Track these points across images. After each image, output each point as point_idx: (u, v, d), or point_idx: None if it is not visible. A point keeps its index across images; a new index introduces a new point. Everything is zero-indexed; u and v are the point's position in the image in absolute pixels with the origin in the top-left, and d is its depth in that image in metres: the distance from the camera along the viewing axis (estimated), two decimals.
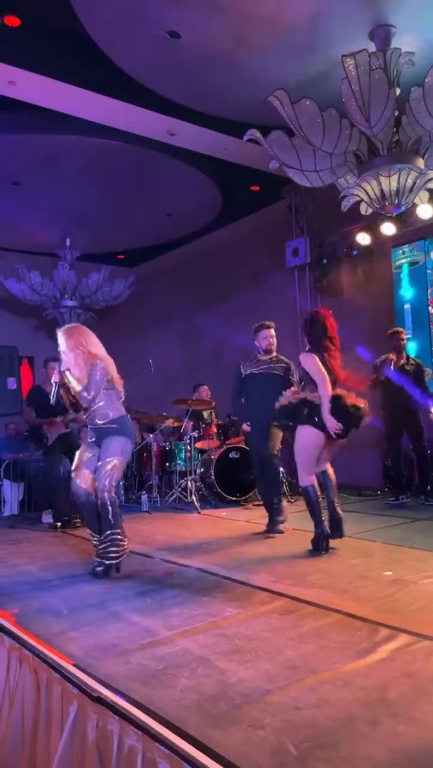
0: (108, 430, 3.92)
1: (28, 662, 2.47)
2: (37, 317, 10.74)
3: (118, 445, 3.88)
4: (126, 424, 3.98)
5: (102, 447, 3.90)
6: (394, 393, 6.16)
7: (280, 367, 5.25)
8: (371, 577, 3.49)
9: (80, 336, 4.03)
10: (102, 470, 3.82)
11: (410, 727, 1.81)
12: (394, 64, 5.12)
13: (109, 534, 3.79)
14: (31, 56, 5.64)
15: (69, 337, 4.02)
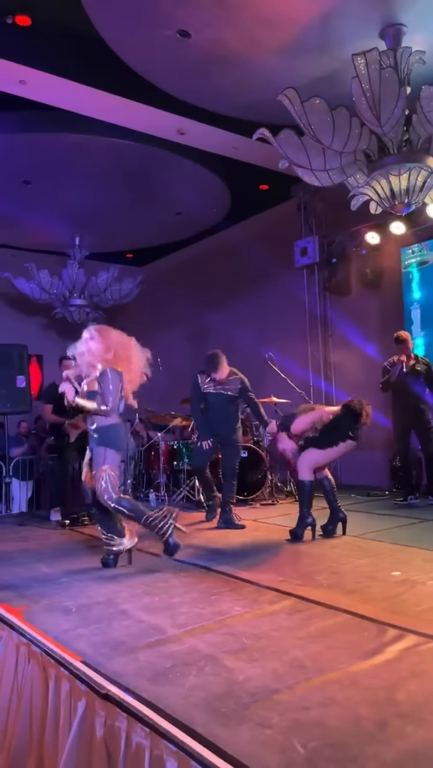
0: (93, 438, 3.96)
1: (37, 659, 2.48)
2: (46, 316, 10.78)
3: (100, 455, 3.89)
4: (109, 434, 3.92)
5: (92, 453, 3.97)
6: (404, 394, 6.14)
7: (232, 388, 5.54)
8: (379, 578, 3.48)
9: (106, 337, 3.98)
10: (96, 480, 3.88)
11: (417, 727, 1.81)
12: (404, 62, 5.09)
13: (145, 520, 3.84)
14: (41, 56, 5.66)
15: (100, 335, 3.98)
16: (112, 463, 3.91)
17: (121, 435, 4.06)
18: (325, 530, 4.70)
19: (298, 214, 8.94)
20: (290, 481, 7.19)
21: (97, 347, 3.93)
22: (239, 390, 5.53)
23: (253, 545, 4.58)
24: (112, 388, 3.85)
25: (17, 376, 7.35)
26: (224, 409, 5.54)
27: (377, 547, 4.32)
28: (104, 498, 3.83)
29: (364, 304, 8.32)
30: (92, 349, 3.94)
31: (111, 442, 3.93)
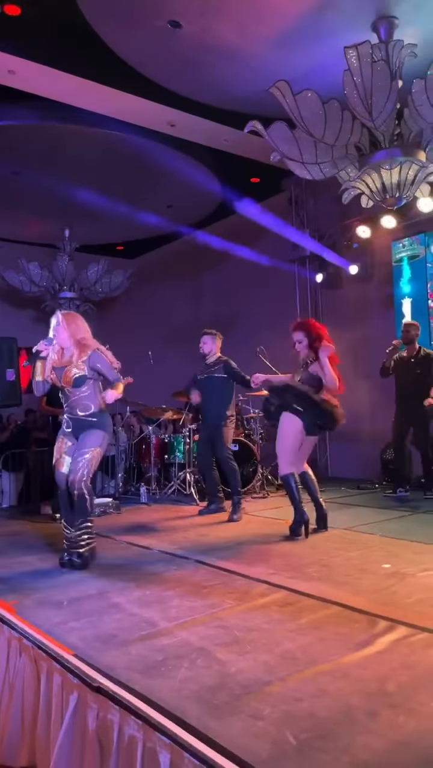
0: (87, 422, 3.95)
1: (28, 652, 2.48)
2: (36, 308, 10.71)
3: (97, 438, 3.90)
4: (105, 418, 4.00)
5: (79, 438, 3.93)
6: (405, 386, 6.13)
7: (218, 368, 5.72)
8: (370, 570, 3.51)
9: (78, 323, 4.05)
10: (79, 461, 3.83)
11: (408, 718, 1.83)
12: (396, 56, 5.09)
13: (82, 522, 3.85)
14: (31, 45, 5.59)
15: (69, 321, 4.01)
16: (104, 448, 3.97)
17: (110, 421, 4.17)
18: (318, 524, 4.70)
19: (289, 208, 8.92)
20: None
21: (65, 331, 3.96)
22: (224, 369, 5.66)
23: (244, 538, 4.59)
24: (111, 360, 3.93)
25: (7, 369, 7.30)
26: (215, 393, 5.64)
27: (367, 540, 4.35)
28: (81, 480, 3.80)
29: (355, 297, 8.34)
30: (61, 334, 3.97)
31: (107, 427, 4.00)
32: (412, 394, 6.08)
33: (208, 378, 5.72)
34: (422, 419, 6.13)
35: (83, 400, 3.94)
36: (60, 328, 3.97)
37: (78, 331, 3.99)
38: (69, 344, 3.96)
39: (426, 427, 6.14)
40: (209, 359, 5.79)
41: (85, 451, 3.85)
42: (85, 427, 3.94)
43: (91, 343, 3.98)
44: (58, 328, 3.97)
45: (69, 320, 4.02)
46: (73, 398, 3.95)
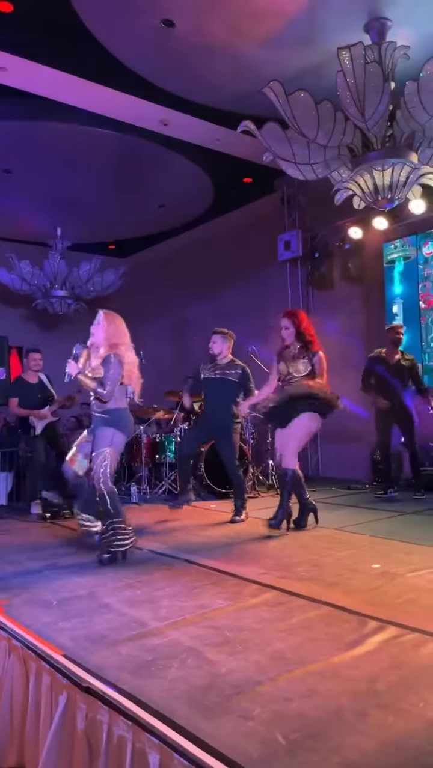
0: (100, 419, 3.99)
1: (17, 653, 2.47)
2: (27, 307, 10.66)
3: (107, 437, 3.93)
4: (120, 416, 4.02)
5: (95, 436, 4.00)
6: (388, 388, 6.17)
7: (234, 373, 5.51)
8: (360, 570, 3.52)
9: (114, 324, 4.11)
10: (95, 461, 3.91)
11: (397, 718, 1.83)
12: (389, 57, 5.10)
13: (111, 523, 3.87)
14: (23, 42, 5.56)
15: (107, 321, 4.09)
16: (117, 447, 4.00)
17: (129, 419, 4.14)
18: (297, 524, 4.73)
19: (281, 208, 8.93)
20: (272, 474, 7.22)
21: (103, 332, 4.04)
22: (241, 376, 5.49)
23: (235, 538, 4.59)
24: (113, 374, 3.91)
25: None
26: (225, 396, 5.42)
27: (357, 540, 4.36)
28: (99, 480, 3.85)
29: (346, 298, 8.36)
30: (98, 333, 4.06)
31: (120, 425, 4.00)
32: (395, 395, 6.13)
33: (222, 379, 5.47)
34: (408, 420, 6.17)
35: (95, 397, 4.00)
36: (99, 326, 4.07)
37: (114, 335, 4.05)
38: (102, 343, 4.03)
39: (412, 428, 6.18)
40: (221, 360, 5.55)
41: (98, 452, 3.93)
42: (99, 424, 4.00)
43: (118, 349, 4.00)
44: (98, 326, 4.07)
45: (109, 320, 4.10)
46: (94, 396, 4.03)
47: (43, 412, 6.33)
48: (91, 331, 4.11)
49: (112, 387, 3.90)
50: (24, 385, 6.47)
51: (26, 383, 6.49)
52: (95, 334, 4.08)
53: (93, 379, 3.93)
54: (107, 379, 3.89)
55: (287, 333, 4.68)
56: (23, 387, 6.46)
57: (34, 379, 6.51)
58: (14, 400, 6.40)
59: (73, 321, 11.27)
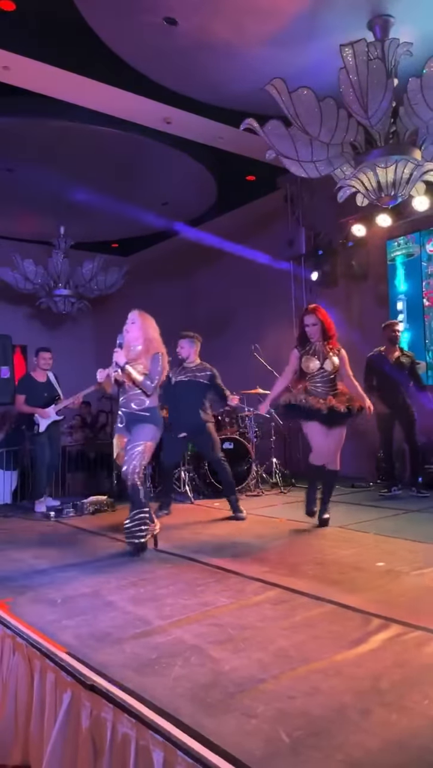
0: (140, 417, 4.09)
1: (22, 650, 2.48)
2: (30, 306, 10.68)
3: (149, 432, 4.06)
4: (157, 414, 4.16)
5: (132, 432, 4.08)
6: (388, 386, 6.17)
7: (204, 375, 5.62)
8: (364, 568, 3.52)
9: (151, 323, 4.26)
10: (131, 453, 3.99)
11: (401, 716, 1.83)
12: (392, 54, 5.08)
13: (137, 513, 3.99)
14: (25, 41, 5.56)
15: (144, 320, 4.22)
16: (155, 443, 4.13)
17: (161, 417, 4.27)
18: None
19: (285, 206, 8.92)
20: (275, 473, 7.22)
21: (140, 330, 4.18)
22: (210, 378, 5.60)
23: (238, 536, 4.59)
24: (160, 370, 4.08)
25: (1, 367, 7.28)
26: (196, 397, 5.56)
27: (361, 538, 4.35)
28: (133, 471, 3.95)
29: (350, 296, 8.34)
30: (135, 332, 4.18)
31: (159, 422, 4.15)
32: (396, 393, 6.12)
33: (192, 381, 5.55)
34: (409, 418, 6.16)
35: (140, 396, 4.09)
36: (134, 326, 4.17)
37: (151, 332, 4.19)
38: (139, 342, 4.13)
39: (413, 426, 6.17)
40: (190, 363, 5.63)
41: (137, 444, 4.01)
42: (137, 421, 4.08)
43: (158, 346, 4.16)
44: (133, 326, 4.18)
45: (143, 320, 4.22)
46: (131, 393, 4.11)
47: (48, 411, 6.38)
48: (126, 330, 4.19)
49: (158, 382, 4.07)
50: (32, 383, 6.51)
51: (34, 381, 6.53)
52: (131, 332, 4.18)
53: (140, 373, 4.03)
54: (154, 373, 4.04)
55: (314, 329, 4.67)
56: (31, 385, 6.51)
57: (43, 377, 6.55)
58: (21, 397, 6.45)
59: (76, 319, 11.29)
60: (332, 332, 4.67)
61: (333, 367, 4.61)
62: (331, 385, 4.65)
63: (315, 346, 4.67)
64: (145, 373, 4.04)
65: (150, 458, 4.21)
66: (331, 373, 4.63)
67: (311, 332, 4.67)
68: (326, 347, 4.65)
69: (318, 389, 4.60)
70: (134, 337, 4.17)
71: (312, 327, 4.67)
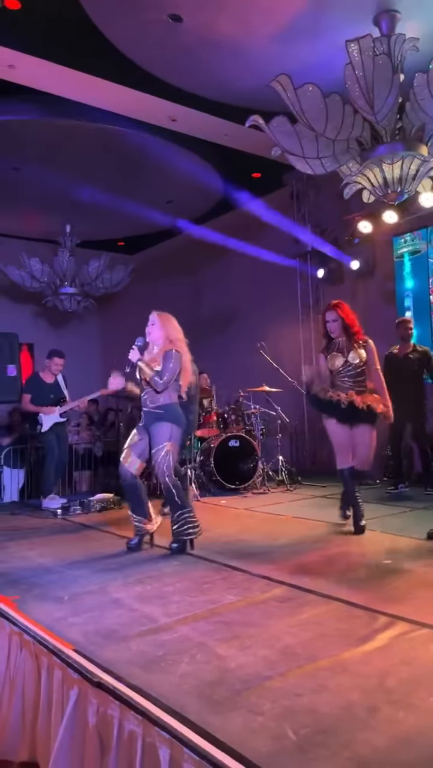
0: (155, 415, 4.09)
1: (29, 647, 2.49)
2: (37, 304, 10.70)
3: (166, 431, 4.05)
4: (173, 410, 4.12)
5: (151, 433, 4.09)
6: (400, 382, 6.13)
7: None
8: (370, 566, 3.51)
9: (171, 324, 4.26)
10: (156, 457, 4.02)
11: (408, 713, 1.82)
12: (398, 50, 5.05)
13: (180, 514, 4.00)
14: (31, 40, 5.56)
15: (164, 321, 4.24)
16: (176, 441, 4.10)
17: (181, 414, 4.23)
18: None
19: (290, 203, 8.89)
20: (282, 470, 7.21)
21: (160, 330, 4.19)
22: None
23: (245, 534, 4.59)
24: (172, 367, 4.05)
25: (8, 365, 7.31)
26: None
27: (368, 536, 4.34)
28: (164, 474, 3.98)
29: (356, 293, 8.32)
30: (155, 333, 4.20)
31: (176, 419, 4.11)
32: (408, 391, 6.07)
33: None
34: (420, 416, 6.12)
35: (153, 393, 4.09)
36: (155, 327, 4.19)
37: (173, 332, 4.20)
38: (161, 342, 4.16)
39: (424, 423, 6.14)
40: None
41: (159, 447, 4.02)
42: (153, 420, 4.09)
43: (177, 344, 4.15)
44: (153, 327, 4.19)
45: (164, 320, 4.24)
46: (147, 390, 4.12)
47: (52, 409, 6.42)
48: (147, 331, 4.21)
49: (169, 379, 4.03)
50: (39, 384, 6.54)
51: (41, 382, 6.56)
52: (152, 333, 4.20)
53: (152, 369, 4.04)
54: (166, 370, 4.03)
55: (334, 325, 4.62)
56: (38, 385, 6.54)
57: (50, 378, 6.58)
58: (27, 397, 6.49)
59: (82, 318, 11.31)
60: (355, 328, 4.60)
61: (359, 359, 4.50)
62: (358, 380, 4.52)
63: (339, 343, 4.63)
64: (158, 370, 4.06)
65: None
66: (357, 366, 4.51)
67: (332, 328, 4.63)
68: (350, 342, 4.58)
69: (345, 384, 4.52)
70: (155, 338, 4.21)
71: (333, 323, 4.63)
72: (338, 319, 4.60)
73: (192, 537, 4.01)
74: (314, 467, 8.63)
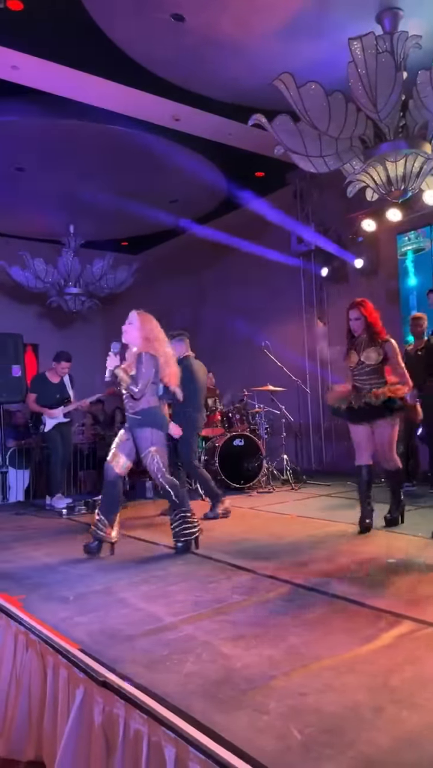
0: (134, 420, 4.06)
1: (35, 647, 2.50)
2: (41, 304, 10.73)
3: (147, 437, 4.03)
4: (152, 415, 4.07)
5: (135, 437, 4.07)
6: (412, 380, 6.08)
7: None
8: (375, 565, 3.51)
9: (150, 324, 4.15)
10: (146, 462, 4.02)
11: (413, 713, 1.82)
12: (401, 47, 5.04)
13: (177, 513, 4.00)
14: (34, 41, 5.58)
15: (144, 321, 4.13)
16: (160, 444, 4.07)
17: (162, 416, 4.20)
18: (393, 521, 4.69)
19: (294, 202, 8.88)
20: (286, 469, 7.21)
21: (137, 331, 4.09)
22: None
23: (250, 533, 4.59)
24: (144, 372, 3.97)
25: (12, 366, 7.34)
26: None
27: (372, 534, 4.34)
28: (157, 476, 3.98)
29: (360, 291, 8.29)
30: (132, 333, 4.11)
31: (155, 423, 4.07)
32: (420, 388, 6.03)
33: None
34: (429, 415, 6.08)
35: (130, 400, 4.05)
36: (133, 327, 4.10)
37: (149, 333, 4.10)
38: (138, 343, 4.07)
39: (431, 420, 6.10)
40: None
41: (145, 454, 4.01)
42: (134, 425, 4.06)
43: (154, 344, 4.06)
44: (130, 327, 4.10)
45: (143, 320, 4.13)
46: (125, 396, 4.08)
47: (55, 411, 6.46)
48: (124, 330, 4.14)
49: (144, 384, 3.97)
50: (44, 383, 6.59)
51: (47, 381, 6.60)
52: (128, 333, 4.12)
53: (129, 376, 4.00)
54: (139, 376, 3.96)
55: (357, 324, 4.60)
56: (43, 385, 6.58)
57: (56, 379, 6.62)
58: (32, 396, 6.54)
59: (86, 318, 11.32)
60: (377, 326, 4.58)
61: (371, 360, 4.49)
62: (374, 377, 4.50)
63: (361, 341, 4.61)
64: (133, 375, 3.97)
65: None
66: (370, 366, 4.50)
67: (354, 326, 4.62)
68: (371, 341, 4.55)
69: (364, 383, 4.51)
70: (132, 338, 4.10)
71: (355, 321, 4.62)
72: (361, 317, 4.59)
73: (191, 537, 4.00)
74: (318, 466, 8.64)
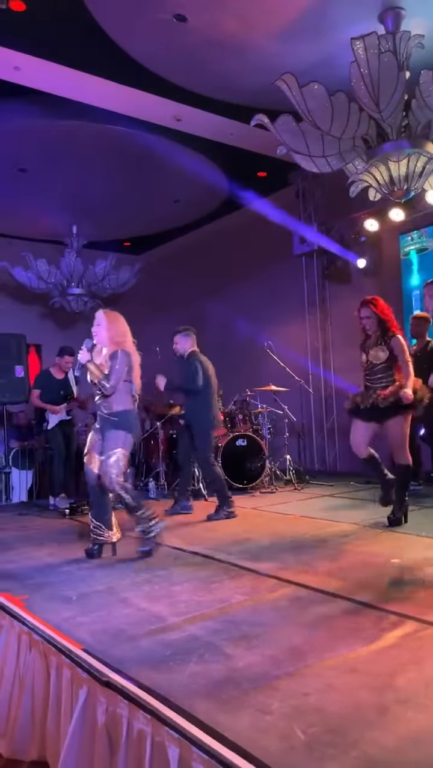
0: (109, 422, 4.00)
1: (38, 647, 2.50)
2: (44, 305, 10.73)
3: (118, 439, 3.96)
4: (127, 418, 4.03)
5: (104, 438, 4.01)
6: None
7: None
8: (379, 565, 3.50)
9: (118, 323, 4.12)
10: (106, 463, 3.91)
11: (417, 713, 1.82)
12: (403, 47, 5.03)
13: (138, 516, 3.96)
14: (36, 41, 5.58)
15: (110, 320, 4.10)
16: (127, 447, 4.01)
17: (135, 420, 4.18)
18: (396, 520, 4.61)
19: (296, 201, 8.88)
20: (289, 469, 7.20)
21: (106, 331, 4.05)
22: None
23: (253, 533, 4.59)
24: (118, 368, 3.94)
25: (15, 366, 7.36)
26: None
27: (376, 534, 4.34)
28: (112, 481, 3.89)
29: (363, 291, 8.28)
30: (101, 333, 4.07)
31: (129, 427, 4.03)
32: None
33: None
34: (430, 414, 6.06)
35: (108, 399, 4.00)
36: (101, 327, 4.07)
37: (118, 333, 4.06)
38: (106, 343, 4.05)
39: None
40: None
41: (110, 454, 3.93)
42: (108, 426, 4.00)
43: (123, 345, 4.02)
44: (98, 328, 4.07)
45: (110, 320, 4.10)
46: (100, 396, 4.02)
47: (57, 408, 6.48)
48: (93, 332, 4.10)
49: (117, 381, 3.94)
50: (48, 379, 6.62)
51: (51, 377, 6.63)
52: (98, 334, 4.08)
53: (101, 371, 3.97)
54: (113, 372, 3.92)
55: (368, 322, 4.57)
56: (47, 381, 6.61)
57: (60, 375, 6.65)
58: (36, 392, 6.58)
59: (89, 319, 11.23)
60: (390, 323, 4.54)
61: (378, 359, 4.47)
62: (383, 376, 4.48)
63: (373, 339, 4.57)
64: (107, 373, 3.94)
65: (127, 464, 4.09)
66: (377, 365, 4.48)
67: (366, 325, 4.59)
68: (382, 338, 4.52)
69: (374, 383, 4.50)
70: (101, 339, 4.07)
71: (366, 320, 4.58)
72: (372, 315, 4.56)
73: (160, 529, 3.99)
74: (321, 466, 8.63)
